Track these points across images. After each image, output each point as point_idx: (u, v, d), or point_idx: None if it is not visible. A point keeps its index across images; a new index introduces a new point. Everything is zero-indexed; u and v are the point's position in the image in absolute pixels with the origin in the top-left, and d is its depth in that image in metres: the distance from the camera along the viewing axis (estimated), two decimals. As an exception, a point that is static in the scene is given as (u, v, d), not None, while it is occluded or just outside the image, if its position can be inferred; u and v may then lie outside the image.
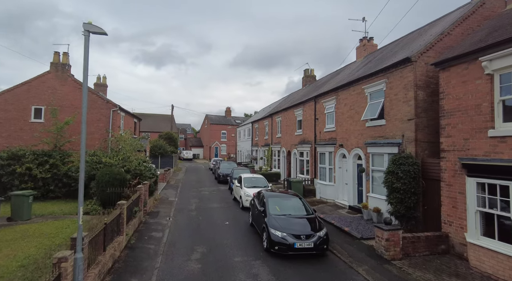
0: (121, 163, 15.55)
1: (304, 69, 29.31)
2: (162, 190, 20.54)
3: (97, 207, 13.16)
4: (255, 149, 34.53)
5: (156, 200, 16.86)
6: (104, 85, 27.44)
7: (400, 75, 11.46)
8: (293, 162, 22.63)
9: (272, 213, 9.66)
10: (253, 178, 16.52)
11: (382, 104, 12.42)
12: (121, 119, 21.86)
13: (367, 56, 18.93)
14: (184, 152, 62.00)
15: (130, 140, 17.35)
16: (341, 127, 15.72)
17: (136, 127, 28.18)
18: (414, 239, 8.81)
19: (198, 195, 19.45)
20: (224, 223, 12.49)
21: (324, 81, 23.00)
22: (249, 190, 15.07)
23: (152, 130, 59.19)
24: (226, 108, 66.52)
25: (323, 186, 17.03)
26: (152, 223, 12.34)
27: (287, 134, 23.90)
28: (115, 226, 8.65)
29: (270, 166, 27.94)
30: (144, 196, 13.87)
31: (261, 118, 32.06)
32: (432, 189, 10.14)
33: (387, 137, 12.09)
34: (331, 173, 16.51)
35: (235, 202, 16.94)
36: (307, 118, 20.17)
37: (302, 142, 20.58)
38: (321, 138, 17.91)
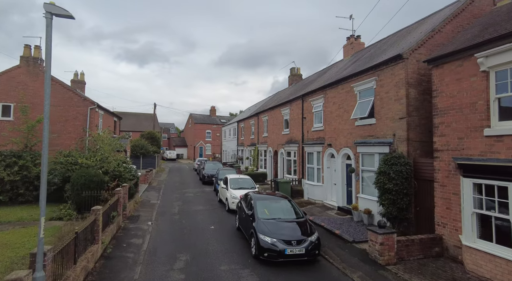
0: (98, 164, 14.60)
1: (290, 68, 28.94)
2: (143, 192, 19.62)
3: (72, 212, 12.22)
4: (241, 149, 33.92)
5: (136, 203, 15.98)
6: (81, 82, 26.08)
7: (391, 72, 11.16)
8: (280, 162, 22.19)
9: (260, 217, 9.10)
10: (239, 179, 15.92)
11: (372, 102, 12.11)
12: (100, 118, 20.74)
13: (354, 54, 18.69)
14: (167, 152, 60.59)
15: (108, 139, 16.37)
16: (329, 126, 15.37)
17: (116, 126, 26.99)
18: (408, 243, 8.48)
19: (182, 197, 18.66)
20: (209, 227, 11.84)
21: (311, 80, 22.67)
22: (236, 192, 14.47)
23: (134, 130, 57.44)
24: (211, 107, 65.51)
25: (311, 187, 16.64)
26: (131, 229, 11.54)
27: (274, 134, 23.44)
28: (89, 234, 7.87)
29: (257, 166, 27.41)
30: (124, 200, 13.02)
31: (247, 117, 31.47)
32: (425, 190, 9.88)
33: (378, 137, 11.78)
34: (319, 173, 16.14)
35: (221, 204, 16.30)
36: (294, 117, 19.76)
37: (289, 141, 20.15)
38: (309, 137, 17.53)
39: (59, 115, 17.79)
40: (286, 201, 10.25)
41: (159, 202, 16.83)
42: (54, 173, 14.25)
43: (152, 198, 17.95)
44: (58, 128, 17.77)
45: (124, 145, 17.40)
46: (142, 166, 32.44)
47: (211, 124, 61.16)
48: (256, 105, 37.33)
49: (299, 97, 18.76)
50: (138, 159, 32.34)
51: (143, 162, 32.78)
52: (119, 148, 16.97)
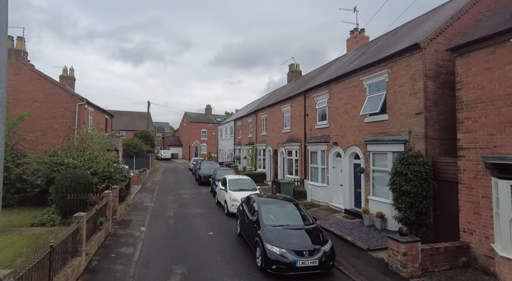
0: (86, 165, 13.46)
1: (289, 64, 28.01)
2: (136, 194, 18.50)
3: (56, 216, 11.09)
4: (238, 148, 32.89)
5: (128, 206, 14.88)
6: (71, 78, 24.82)
7: (406, 64, 10.25)
8: (280, 162, 21.22)
9: (266, 223, 8.11)
10: (239, 180, 14.91)
11: (384, 97, 11.19)
12: (90, 115, 19.56)
13: (359, 48, 17.79)
14: (161, 152, 59.29)
15: (98, 137, 15.21)
16: (335, 123, 14.43)
17: (108, 125, 25.78)
18: (432, 252, 7.56)
19: (177, 199, 17.59)
20: (207, 233, 10.81)
21: (312, 76, 21.73)
22: (235, 194, 13.46)
23: (127, 129, 56.04)
24: (206, 106, 64.31)
25: (315, 188, 15.70)
26: (122, 235, 10.47)
27: (274, 132, 22.46)
28: (70, 246, 6.80)
29: (255, 166, 26.42)
30: (113, 203, 11.94)
31: (245, 115, 30.45)
32: (446, 192, 8.98)
33: (391, 134, 10.86)
34: (324, 174, 15.20)
35: (219, 207, 15.27)
36: (295, 114, 18.80)
37: (290, 140, 19.19)
38: (312, 135, 16.58)
39: (44, 111, 16.61)
40: (294, 205, 9.26)
41: (153, 205, 15.74)
42: (37, 174, 13.09)
43: (145, 200, 16.85)
44: (44, 125, 16.58)
45: (115, 144, 16.26)
46: (135, 166, 31.21)
47: (207, 123, 59.97)
48: (254, 103, 36.32)
49: (301, 93, 17.80)
50: (131, 159, 31.09)
51: (137, 162, 31.54)
52: (109, 147, 15.83)
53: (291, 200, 9.73)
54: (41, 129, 16.28)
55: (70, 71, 25.00)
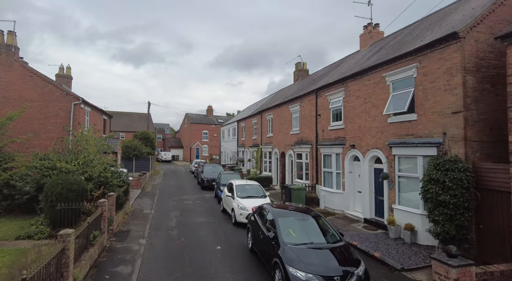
0: (81, 169, 12.28)
1: (296, 63, 26.84)
2: (135, 200, 17.30)
3: (45, 228, 9.90)
4: (242, 150, 31.70)
5: (126, 214, 13.69)
6: (68, 77, 23.65)
7: (440, 56, 9.07)
8: (288, 165, 20.02)
9: (287, 241, 6.91)
10: (247, 186, 13.71)
11: (412, 94, 10.01)
12: (86, 115, 18.40)
13: (374, 44, 16.63)
14: (162, 154, 58.12)
15: (94, 139, 14.03)
16: (352, 124, 13.25)
17: (106, 126, 24.63)
18: (486, 277, 6.36)
19: (179, 205, 16.39)
20: (214, 247, 9.61)
21: (321, 74, 20.58)
22: (244, 201, 12.27)
23: (127, 130, 54.97)
24: (207, 107, 63.12)
25: (329, 194, 14.50)
26: (119, 250, 9.28)
27: (281, 133, 21.28)
28: (54, 271, 5.61)
29: (260, 169, 25.22)
30: (110, 212, 10.78)
31: (249, 116, 29.28)
32: (491, 203, 7.80)
33: (420, 136, 9.68)
34: (339, 179, 14.00)
35: (225, 214, 14.06)
36: (305, 114, 17.62)
37: (299, 142, 18.00)
38: (324, 137, 15.39)
39: (37, 111, 15.45)
40: (315, 217, 8.04)
41: (153, 212, 14.55)
42: (26, 179, 11.91)
43: (145, 207, 15.66)
44: (36, 126, 15.42)
45: (113, 146, 15.09)
46: (135, 169, 30.03)
47: (208, 124, 58.81)
48: (258, 103, 35.17)
49: (312, 91, 16.63)
50: (131, 161, 29.92)
51: (136, 164, 30.36)
52: (106, 150, 14.66)
53: (310, 211, 8.52)
54: (33, 130, 15.12)
55: (67, 69, 23.83)
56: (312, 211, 8.56)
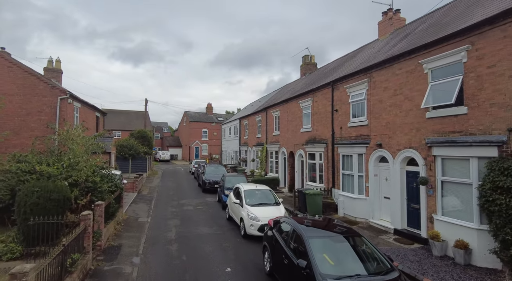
0: (65, 173, 10.53)
1: (303, 56, 25.07)
2: (130, 205, 15.55)
3: (16, 246, 8.14)
4: (244, 149, 29.95)
5: (119, 224, 11.96)
6: (57, 71, 21.83)
7: (503, 34, 7.35)
8: (298, 166, 18.31)
9: (324, 272, 5.19)
10: (256, 191, 11.98)
11: (460, 83, 8.30)
12: (75, 112, 16.60)
13: (396, 31, 14.90)
14: (160, 153, 56.31)
15: (82, 138, 12.25)
16: (378, 120, 11.55)
17: (99, 123, 22.82)
18: None
19: (179, 212, 14.65)
20: (223, 269, 7.89)
21: (334, 67, 18.85)
22: (255, 210, 10.55)
23: (123, 128, 53.21)
24: (207, 104, 61.25)
25: (349, 200, 12.80)
26: (106, 274, 7.56)
27: (289, 131, 19.55)
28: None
29: (265, 170, 23.49)
30: (98, 224, 9.07)
31: (252, 113, 27.52)
32: None
33: (472, 132, 7.98)
34: (362, 183, 12.31)
35: (232, 223, 12.35)
36: (319, 110, 15.89)
37: (312, 140, 16.29)
38: (343, 135, 13.68)
39: (17, 106, 13.66)
40: (356, 238, 6.31)
41: (149, 221, 12.82)
42: (-2, 185, 10.13)
43: (140, 214, 13.92)
44: (16, 123, 13.63)
45: (104, 145, 13.31)
46: (131, 169, 28.24)
47: (208, 123, 56.98)
48: (261, 100, 33.41)
49: (327, 84, 14.90)
50: (126, 162, 28.11)
51: (133, 165, 28.55)
52: (97, 150, 12.88)
53: (348, 230, 6.76)
54: (12, 128, 13.34)
55: (56, 62, 21.99)
56: (350, 229, 6.81)
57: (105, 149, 14.60)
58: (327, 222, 7.24)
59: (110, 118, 57.55)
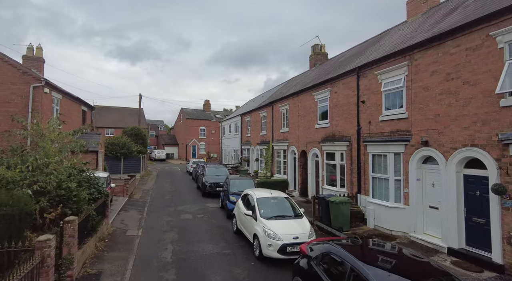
0: (30, 178, 8.22)
1: (312, 45, 22.80)
2: (118, 213, 13.24)
3: None
4: (246, 147, 27.69)
5: (102, 240, 9.66)
6: (38, 59, 19.31)
7: None
8: (311, 167, 16.10)
9: None
10: (272, 200, 9.73)
11: (559, 58, 6.12)
12: (55, 103, 14.23)
13: (432, 10, 12.71)
14: (155, 152, 53.84)
15: (58, 135, 9.91)
16: (422, 111, 9.37)
17: (86, 118, 20.42)
18: None
19: (176, 221, 12.38)
20: (240, 315, 5.65)
21: (350, 55, 16.64)
22: (273, 225, 8.32)
23: (116, 126, 50.68)
24: (204, 101, 58.80)
25: (382, 209, 10.62)
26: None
27: (300, 128, 17.33)
28: None
29: (271, 171, 21.25)
30: (69, 248, 6.80)
31: (256, 108, 25.25)
32: None
33: None
34: (399, 189, 10.13)
35: (241, 238, 10.11)
36: (339, 102, 13.69)
37: (330, 138, 14.09)
38: (372, 131, 11.49)
39: (-21, 96, 11.23)
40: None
41: (140, 234, 10.55)
42: None
43: (130, 225, 11.63)
44: (-22, 116, 11.21)
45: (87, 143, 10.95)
46: (123, 170, 25.87)
47: (206, 120, 54.63)
48: (264, 95, 31.13)
49: (352, 71, 12.70)
50: (118, 162, 25.73)
51: (125, 165, 26.17)
52: (76, 148, 10.56)
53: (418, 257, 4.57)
54: (-28, 121, 10.92)
55: (37, 50, 19.48)
56: (446, 273, 4.45)
57: (88, 148, 12.26)
58: (398, 253, 5.01)
59: (102, 115, 54.91)
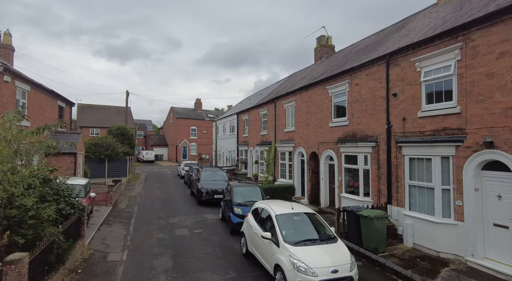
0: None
1: (318, 37, 20.84)
2: (99, 228, 10.94)
3: None
4: (244, 149, 25.56)
5: (73, 272, 7.39)
6: (6, 47, 16.71)
7: None
8: (324, 172, 14.11)
9: None
10: (295, 217, 7.63)
11: None
12: (19, 95, 11.81)
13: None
14: (143, 153, 51.04)
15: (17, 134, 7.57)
16: (482, 104, 7.47)
17: (64, 116, 17.90)
18: None
19: (170, 240, 10.15)
20: None
21: (367, 45, 14.73)
22: (302, 254, 6.23)
23: (102, 126, 47.64)
24: (196, 100, 56.27)
25: (423, 224, 8.67)
26: None
27: (310, 126, 15.33)
28: None
29: (273, 175, 19.19)
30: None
31: (255, 105, 23.13)
32: None
33: None
34: (447, 200, 8.21)
35: (253, 264, 7.99)
36: (362, 96, 11.73)
37: (350, 138, 12.13)
38: (408, 129, 9.56)
39: None
40: None
41: (125, 260, 8.32)
42: None
43: (112, 246, 9.36)
44: None
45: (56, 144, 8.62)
46: (107, 173, 23.38)
47: (197, 120, 52.14)
48: (262, 92, 29.04)
49: (380, 59, 10.76)
50: (102, 164, 23.20)
51: (110, 168, 23.66)
52: (40, 150, 8.25)
53: None
54: None
55: (5, 36, 16.87)
56: None
57: (60, 149, 9.92)
58: None
59: (87, 113, 51.78)
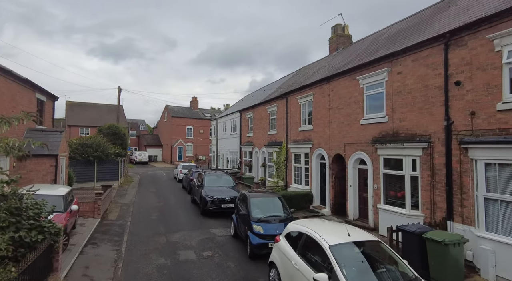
0: None
1: (334, 25, 18.79)
2: (83, 251, 8.64)
3: None
4: (248, 150, 23.36)
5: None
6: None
7: None
8: (353, 177, 12.01)
9: None
10: (355, 248, 5.45)
11: None
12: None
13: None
14: (136, 154, 48.46)
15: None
16: None
17: (44, 111, 15.48)
18: None
19: (173, 268, 7.91)
20: None
21: (399, 30, 12.71)
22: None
23: (93, 125, 44.94)
24: (192, 98, 53.80)
25: (509, 251, 6.62)
26: None
27: (333, 124, 13.23)
28: None
29: (285, 179, 17.04)
30: None
31: (261, 102, 20.96)
32: None
33: None
34: (552, 221, 6.16)
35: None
36: (407, 87, 9.66)
37: (390, 138, 10.05)
38: (479, 126, 7.49)
39: None
40: None
41: (113, 303, 6.05)
42: None
43: (98, 279, 7.08)
44: None
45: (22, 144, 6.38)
46: (97, 177, 20.97)
47: (193, 119, 49.75)
48: (266, 88, 26.87)
49: (436, 39, 8.68)
50: (91, 167, 20.77)
51: (100, 170, 21.22)
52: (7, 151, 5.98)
53: None
54: None
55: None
56: None
57: (29, 151, 7.63)
58: None
59: (77, 112, 48.97)
